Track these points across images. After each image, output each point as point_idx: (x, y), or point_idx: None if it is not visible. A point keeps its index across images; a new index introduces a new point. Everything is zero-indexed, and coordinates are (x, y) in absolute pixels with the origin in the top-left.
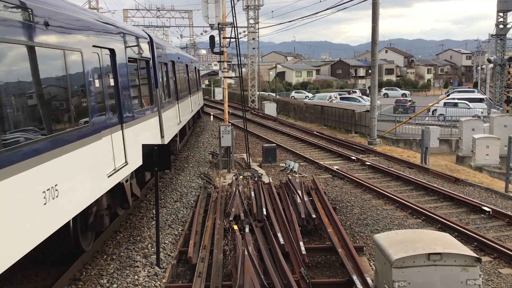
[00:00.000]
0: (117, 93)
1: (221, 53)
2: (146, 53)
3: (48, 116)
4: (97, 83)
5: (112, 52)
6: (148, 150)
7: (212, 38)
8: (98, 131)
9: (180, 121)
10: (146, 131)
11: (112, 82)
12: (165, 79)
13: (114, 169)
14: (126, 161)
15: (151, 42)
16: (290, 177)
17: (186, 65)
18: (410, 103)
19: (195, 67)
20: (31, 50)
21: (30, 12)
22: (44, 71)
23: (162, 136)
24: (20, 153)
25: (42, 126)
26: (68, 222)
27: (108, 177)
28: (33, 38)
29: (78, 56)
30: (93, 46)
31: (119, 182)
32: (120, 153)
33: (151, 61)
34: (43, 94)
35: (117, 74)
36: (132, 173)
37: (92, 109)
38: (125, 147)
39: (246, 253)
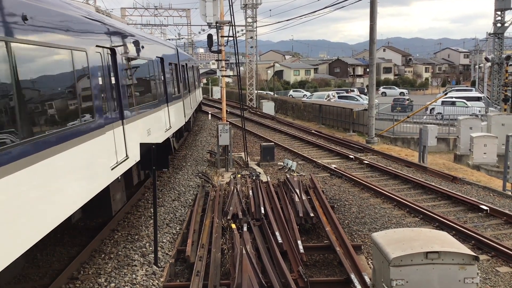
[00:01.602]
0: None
1: (219, 51)
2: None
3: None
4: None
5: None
6: (146, 149)
7: (210, 36)
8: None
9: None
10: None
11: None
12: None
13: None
14: (170, 126)
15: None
16: (288, 176)
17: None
18: (408, 101)
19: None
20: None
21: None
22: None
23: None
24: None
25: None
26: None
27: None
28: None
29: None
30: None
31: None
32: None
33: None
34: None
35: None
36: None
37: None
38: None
39: (244, 252)
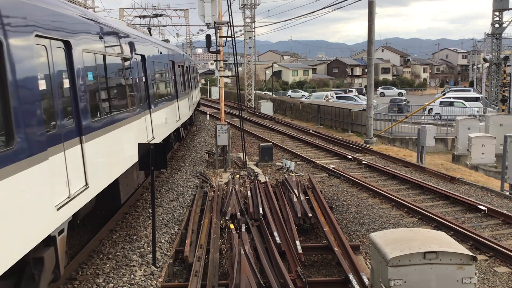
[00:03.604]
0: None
1: (217, 52)
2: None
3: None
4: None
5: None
6: (144, 149)
7: (208, 37)
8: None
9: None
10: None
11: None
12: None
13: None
14: (178, 117)
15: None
16: (286, 176)
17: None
18: (404, 102)
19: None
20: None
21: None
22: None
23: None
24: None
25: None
26: None
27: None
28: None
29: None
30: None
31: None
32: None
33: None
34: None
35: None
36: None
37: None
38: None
39: (242, 252)
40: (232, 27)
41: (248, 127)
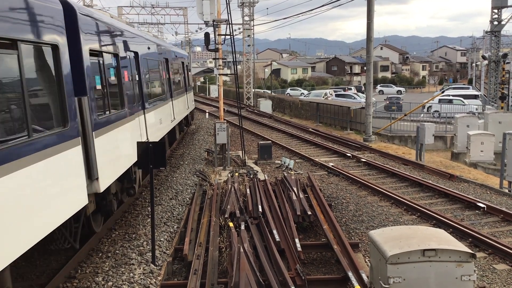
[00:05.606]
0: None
1: (216, 50)
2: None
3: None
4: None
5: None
6: (143, 148)
7: (207, 35)
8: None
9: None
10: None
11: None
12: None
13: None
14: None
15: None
16: (285, 174)
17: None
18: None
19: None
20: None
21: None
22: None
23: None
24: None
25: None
26: None
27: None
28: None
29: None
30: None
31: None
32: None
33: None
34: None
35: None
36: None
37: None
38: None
39: (241, 250)
40: (230, 25)
41: (247, 125)
